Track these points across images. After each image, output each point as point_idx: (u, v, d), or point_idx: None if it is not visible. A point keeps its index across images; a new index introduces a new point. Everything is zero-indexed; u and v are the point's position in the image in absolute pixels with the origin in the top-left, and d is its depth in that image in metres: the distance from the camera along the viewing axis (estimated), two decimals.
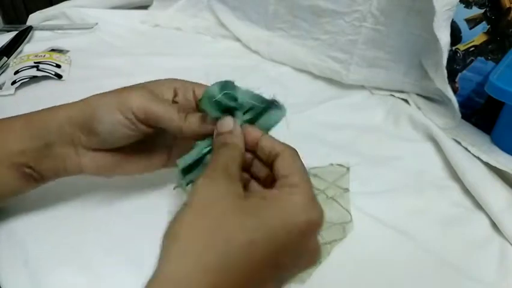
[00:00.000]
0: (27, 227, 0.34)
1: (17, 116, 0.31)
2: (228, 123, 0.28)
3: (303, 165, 0.26)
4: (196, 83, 0.33)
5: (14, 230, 0.34)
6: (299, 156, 0.26)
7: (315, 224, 0.23)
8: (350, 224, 0.36)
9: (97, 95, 0.31)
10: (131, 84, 0.32)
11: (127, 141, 0.31)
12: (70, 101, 0.32)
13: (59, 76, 0.55)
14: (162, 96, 0.31)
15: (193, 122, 0.29)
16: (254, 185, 0.29)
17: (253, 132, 0.28)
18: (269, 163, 0.27)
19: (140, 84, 0.32)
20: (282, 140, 0.28)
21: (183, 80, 0.33)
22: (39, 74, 0.54)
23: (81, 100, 0.31)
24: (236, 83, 0.29)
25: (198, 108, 0.31)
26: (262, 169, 0.28)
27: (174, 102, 0.32)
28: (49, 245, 0.33)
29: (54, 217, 0.35)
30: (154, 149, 0.34)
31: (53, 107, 0.31)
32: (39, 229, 0.34)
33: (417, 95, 0.55)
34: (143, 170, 0.34)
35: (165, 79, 0.33)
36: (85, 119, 0.30)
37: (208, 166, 0.25)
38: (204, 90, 0.29)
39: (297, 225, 0.22)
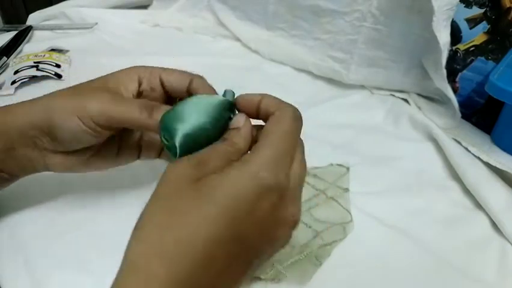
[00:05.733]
0: (28, 227, 0.34)
1: None
2: (238, 120, 0.26)
3: (292, 127, 0.25)
4: (162, 68, 0.31)
5: (15, 230, 0.34)
6: (293, 121, 0.25)
7: (267, 191, 0.22)
8: (350, 224, 0.36)
9: (56, 94, 0.29)
10: None
11: (91, 145, 0.30)
12: None
13: (58, 76, 0.55)
14: (126, 89, 0.30)
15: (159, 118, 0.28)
16: None
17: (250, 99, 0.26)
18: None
19: (101, 78, 0.30)
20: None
21: (148, 66, 0.32)
22: (39, 73, 0.54)
23: (40, 99, 0.29)
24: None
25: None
26: None
27: (139, 92, 0.31)
28: (49, 245, 0.33)
29: (55, 217, 0.35)
30: (123, 143, 0.33)
31: (10, 106, 0.29)
32: (39, 229, 0.34)
33: (418, 94, 0.55)
34: (115, 165, 0.33)
35: (128, 68, 0.31)
36: (46, 124, 0.28)
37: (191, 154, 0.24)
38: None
39: (247, 198, 0.21)
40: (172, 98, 0.32)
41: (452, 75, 0.51)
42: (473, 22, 0.49)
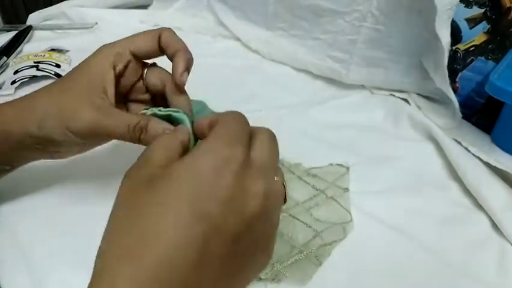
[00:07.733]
0: (28, 227, 0.34)
1: None
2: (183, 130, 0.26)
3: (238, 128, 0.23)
4: (128, 39, 0.33)
5: (14, 230, 0.34)
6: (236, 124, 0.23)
7: (225, 161, 0.20)
8: (350, 224, 0.36)
9: (43, 94, 0.31)
10: None
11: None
12: None
13: (58, 76, 0.55)
14: (104, 80, 0.31)
15: (149, 138, 0.28)
16: None
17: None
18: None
19: (80, 75, 0.32)
20: (281, 141, 0.27)
21: (115, 45, 0.33)
22: (39, 73, 0.54)
23: (28, 103, 0.31)
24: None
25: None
26: None
27: (117, 76, 0.32)
28: (49, 245, 0.33)
29: (55, 217, 0.35)
30: None
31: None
32: (39, 229, 0.34)
33: (418, 94, 0.55)
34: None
35: (99, 56, 0.33)
36: (39, 132, 0.30)
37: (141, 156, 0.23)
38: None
39: (206, 173, 0.20)
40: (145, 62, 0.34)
41: (452, 75, 0.51)
42: (473, 22, 0.49)
